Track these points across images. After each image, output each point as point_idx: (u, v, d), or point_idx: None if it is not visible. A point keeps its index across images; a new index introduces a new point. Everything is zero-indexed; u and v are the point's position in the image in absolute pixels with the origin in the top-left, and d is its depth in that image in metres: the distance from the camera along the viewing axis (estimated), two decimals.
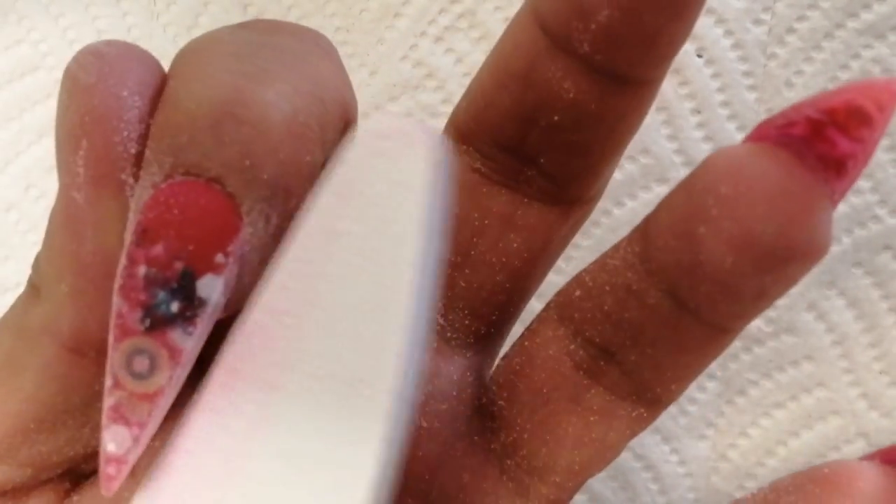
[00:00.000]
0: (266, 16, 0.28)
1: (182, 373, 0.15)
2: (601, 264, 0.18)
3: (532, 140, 0.18)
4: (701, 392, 0.28)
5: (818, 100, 0.16)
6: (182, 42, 0.29)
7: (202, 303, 0.14)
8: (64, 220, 0.15)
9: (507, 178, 0.19)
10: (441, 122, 0.19)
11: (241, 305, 0.15)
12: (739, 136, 0.27)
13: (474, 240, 0.19)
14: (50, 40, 0.29)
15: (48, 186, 0.30)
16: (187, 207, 0.14)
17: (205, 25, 0.29)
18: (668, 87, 0.27)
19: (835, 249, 0.27)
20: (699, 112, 0.27)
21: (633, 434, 0.19)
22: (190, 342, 0.14)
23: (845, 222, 0.26)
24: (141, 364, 0.14)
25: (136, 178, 0.15)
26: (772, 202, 0.15)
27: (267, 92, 0.15)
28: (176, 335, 0.14)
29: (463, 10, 0.27)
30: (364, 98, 0.28)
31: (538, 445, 0.19)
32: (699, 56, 0.26)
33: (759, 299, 0.17)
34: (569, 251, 0.28)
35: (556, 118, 0.18)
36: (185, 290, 0.14)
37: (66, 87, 0.15)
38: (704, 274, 0.16)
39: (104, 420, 0.15)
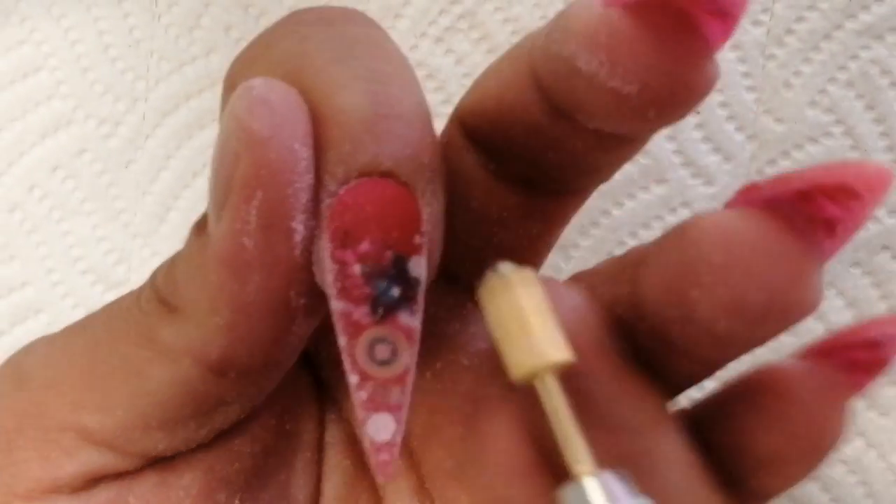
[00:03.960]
0: (267, 17, 0.28)
1: (417, 350, 0.16)
2: (590, 288, 0.19)
3: (538, 146, 0.18)
4: (700, 392, 0.28)
5: (807, 174, 0.16)
6: (183, 43, 0.29)
7: (416, 282, 0.16)
8: (227, 261, 0.16)
9: (516, 175, 0.19)
10: (441, 123, 0.19)
11: (432, 279, 0.16)
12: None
13: (495, 229, 0.19)
14: (52, 41, 0.29)
15: (51, 187, 0.30)
16: (376, 202, 0.15)
17: (206, 26, 0.29)
18: None
19: None
20: (698, 112, 0.27)
21: None
22: (416, 320, 0.16)
23: None
24: (383, 351, 0.16)
25: (305, 225, 0.16)
26: (764, 270, 0.16)
27: (391, 88, 0.16)
28: (404, 317, 0.16)
29: (463, 11, 0.27)
30: None
31: None
32: None
33: (747, 349, 0.17)
34: (568, 251, 0.28)
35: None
36: (400, 274, 0.15)
37: (238, 137, 0.16)
38: (696, 330, 0.17)
39: (361, 414, 0.16)
